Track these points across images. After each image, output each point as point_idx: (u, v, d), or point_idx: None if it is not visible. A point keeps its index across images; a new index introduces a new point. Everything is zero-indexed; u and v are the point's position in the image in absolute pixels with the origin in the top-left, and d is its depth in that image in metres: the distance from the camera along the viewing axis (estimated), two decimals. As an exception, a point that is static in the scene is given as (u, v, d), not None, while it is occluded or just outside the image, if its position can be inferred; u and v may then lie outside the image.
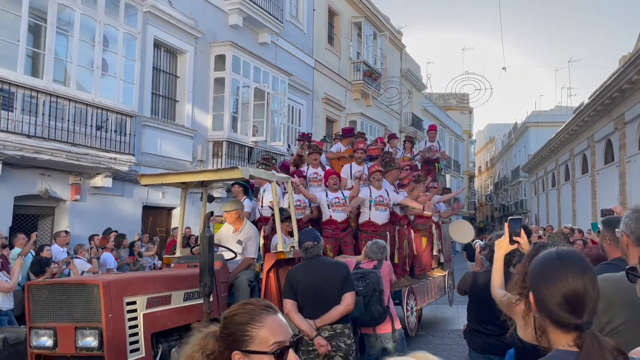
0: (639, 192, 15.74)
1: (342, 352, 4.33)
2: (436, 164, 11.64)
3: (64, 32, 9.91)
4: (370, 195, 7.76)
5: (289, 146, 14.04)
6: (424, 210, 8.42)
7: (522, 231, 2.80)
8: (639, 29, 19.47)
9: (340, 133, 10.78)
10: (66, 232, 9.48)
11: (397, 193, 8.34)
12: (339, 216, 7.62)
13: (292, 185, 7.14)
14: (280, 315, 1.56)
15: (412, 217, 9.21)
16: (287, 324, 1.59)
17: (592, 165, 21.85)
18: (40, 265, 7.14)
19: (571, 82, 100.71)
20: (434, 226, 9.91)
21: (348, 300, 4.33)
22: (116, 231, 10.13)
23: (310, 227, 6.41)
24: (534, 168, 35.99)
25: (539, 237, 9.76)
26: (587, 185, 22.47)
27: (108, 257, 9.32)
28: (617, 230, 2.69)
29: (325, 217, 7.69)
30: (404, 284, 8.35)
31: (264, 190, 7.74)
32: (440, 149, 11.80)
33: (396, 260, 8.33)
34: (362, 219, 7.88)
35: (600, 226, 3.27)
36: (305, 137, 10.18)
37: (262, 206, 7.69)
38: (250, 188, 7.98)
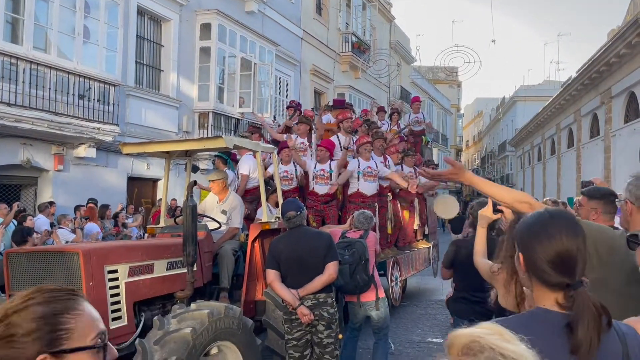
0: (623, 166, 15.88)
1: (325, 320, 4.34)
2: (423, 137, 11.61)
3: (44, -3, 9.62)
4: (359, 167, 7.74)
5: (274, 117, 13.91)
6: (408, 188, 8.37)
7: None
8: (628, 2, 19.29)
9: (331, 104, 10.68)
10: (50, 202, 9.37)
11: (387, 167, 8.31)
12: (321, 189, 7.57)
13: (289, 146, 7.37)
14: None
15: (397, 190, 9.20)
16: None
17: (577, 139, 22.01)
18: (22, 234, 7.04)
19: (560, 56, 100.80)
20: (416, 200, 9.91)
21: (331, 270, 4.33)
22: (96, 202, 10.00)
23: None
24: (520, 142, 36.19)
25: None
26: (573, 159, 22.66)
27: (93, 227, 9.25)
28: (617, 200, 2.67)
29: (309, 187, 7.68)
30: (389, 255, 8.40)
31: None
32: (425, 121, 11.76)
33: (389, 231, 8.34)
34: (351, 190, 7.86)
35: (580, 198, 3.24)
36: (295, 105, 10.05)
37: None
38: (232, 159, 7.90)
